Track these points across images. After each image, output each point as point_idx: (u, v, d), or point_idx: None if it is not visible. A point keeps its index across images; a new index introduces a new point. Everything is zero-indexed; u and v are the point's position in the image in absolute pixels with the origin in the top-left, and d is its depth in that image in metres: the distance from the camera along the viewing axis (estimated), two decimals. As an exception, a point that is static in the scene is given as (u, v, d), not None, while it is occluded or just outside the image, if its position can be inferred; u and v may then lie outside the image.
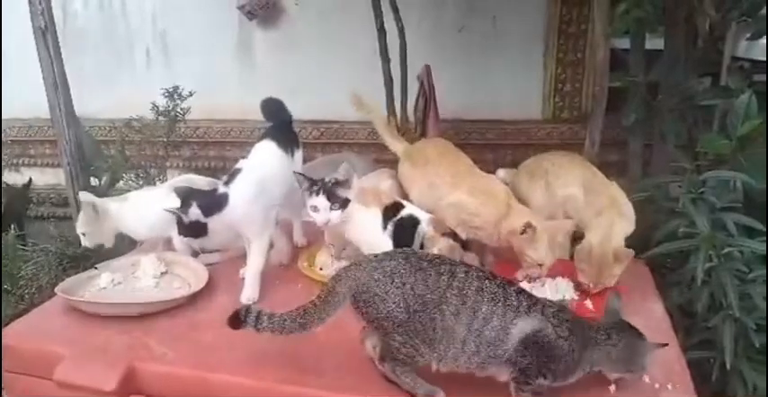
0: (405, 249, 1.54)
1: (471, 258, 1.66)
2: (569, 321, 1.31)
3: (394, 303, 1.28)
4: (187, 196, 1.72)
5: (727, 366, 1.71)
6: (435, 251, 1.61)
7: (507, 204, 1.80)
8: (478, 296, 1.27)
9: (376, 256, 1.37)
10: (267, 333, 1.36)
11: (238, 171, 1.76)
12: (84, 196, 1.95)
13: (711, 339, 1.80)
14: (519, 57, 3.50)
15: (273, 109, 2.06)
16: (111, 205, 1.96)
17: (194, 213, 1.68)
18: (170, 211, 1.72)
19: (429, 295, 1.28)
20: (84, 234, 1.97)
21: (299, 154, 2.00)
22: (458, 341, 1.27)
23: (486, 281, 1.30)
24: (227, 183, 1.73)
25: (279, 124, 2.02)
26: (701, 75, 2.56)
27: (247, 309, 1.38)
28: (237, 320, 1.37)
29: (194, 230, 1.72)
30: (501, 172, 2.15)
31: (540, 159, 2.09)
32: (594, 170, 1.99)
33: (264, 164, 1.83)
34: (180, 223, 1.73)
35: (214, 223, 1.70)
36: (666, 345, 1.40)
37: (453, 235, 1.69)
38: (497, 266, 1.84)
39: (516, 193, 1.93)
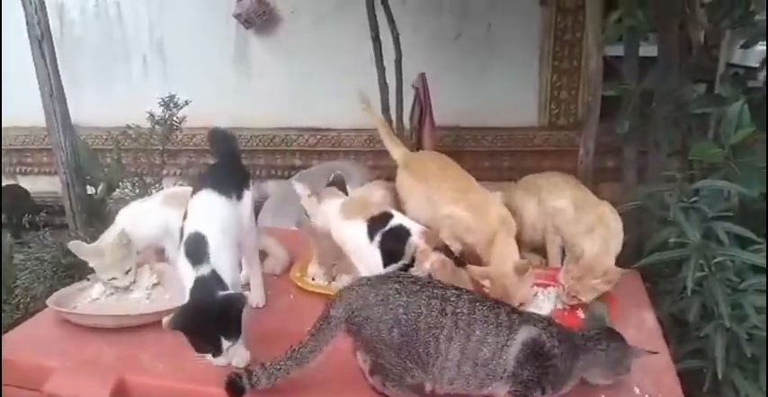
0: (398, 272, 1.55)
1: (463, 273, 1.64)
2: (559, 332, 1.32)
3: (387, 326, 1.29)
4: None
5: (719, 376, 1.71)
6: (427, 265, 1.60)
7: (495, 230, 1.79)
8: (471, 319, 1.29)
9: (369, 279, 1.38)
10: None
11: (204, 250, 1.44)
12: (80, 246, 1.83)
13: (703, 349, 1.79)
14: (515, 65, 3.52)
15: (215, 143, 1.81)
16: (116, 231, 1.85)
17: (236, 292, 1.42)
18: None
19: (422, 320, 1.29)
20: (127, 272, 1.82)
21: (247, 194, 1.70)
22: (453, 364, 1.28)
23: (477, 303, 1.31)
24: (199, 264, 1.41)
25: (219, 164, 1.74)
26: (695, 82, 2.56)
27: (237, 375, 1.33)
28: (236, 388, 1.32)
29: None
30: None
31: (535, 177, 2.12)
32: (586, 190, 2.00)
33: (212, 217, 1.54)
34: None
35: None
36: (656, 353, 1.41)
37: (446, 250, 1.68)
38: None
39: (510, 206, 1.94)
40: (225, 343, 1.34)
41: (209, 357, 1.35)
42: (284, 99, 3.77)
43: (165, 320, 1.33)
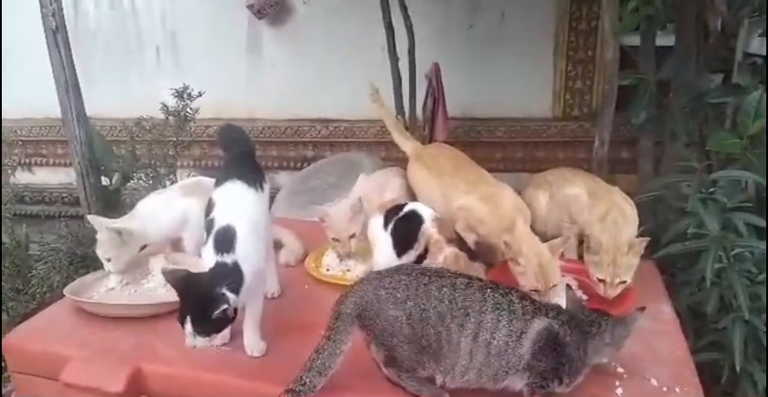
0: (408, 264, 1.55)
1: (477, 266, 1.63)
2: (569, 320, 1.31)
3: (398, 319, 1.29)
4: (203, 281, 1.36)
5: (737, 368, 1.69)
6: (441, 259, 1.59)
7: (513, 218, 1.77)
8: (482, 307, 1.28)
9: (379, 273, 1.38)
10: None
11: (232, 242, 1.42)
12: (99, 221, 1.84)
13: (721, 341, 1.78)
14: (528, 55, 3.49)
15: (232, 138, 1.81)
16: (131, 224, 1.87)
17: (231, 299, 1.34)
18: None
19: (432, 310, 1.28)
20: (109, 260, 1.82)
21: (266, 187, 1.67)
22: (465, 355, 1.27)
23: (489, 291, 1.30)
24: (223, 252, 1.40)
25: (239, 157, 1.71)
26: (712, 72, 2.53)
27: None
28: None
29: (225, 320, 1.36)
30: None
31: (544, 174, 2.10)
32: (597, 179, 1.98)
33: (241, 209, 1.53)
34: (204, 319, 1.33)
35: None
36: (644, 309, 1.39)
37: (460, 242, 1.67)
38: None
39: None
40: (189, 325, 1.31)
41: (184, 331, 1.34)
42: (296, 90, 3.76)
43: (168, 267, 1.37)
